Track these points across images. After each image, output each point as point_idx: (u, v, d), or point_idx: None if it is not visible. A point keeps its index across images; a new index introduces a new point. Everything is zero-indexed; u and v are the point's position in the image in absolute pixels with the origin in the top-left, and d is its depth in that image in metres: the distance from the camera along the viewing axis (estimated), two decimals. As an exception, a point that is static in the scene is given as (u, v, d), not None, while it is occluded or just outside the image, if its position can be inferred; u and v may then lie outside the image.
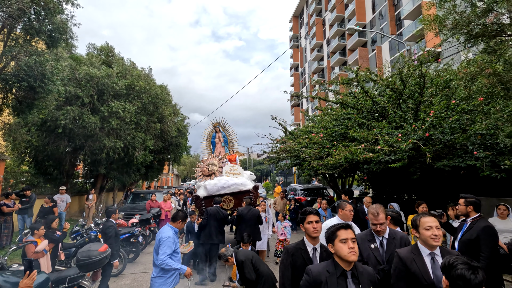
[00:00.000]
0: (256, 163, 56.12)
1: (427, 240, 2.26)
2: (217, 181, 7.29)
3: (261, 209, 6.70)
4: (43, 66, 6.90)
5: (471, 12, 3.72)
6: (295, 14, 57.63)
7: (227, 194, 7.22)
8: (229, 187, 7.21)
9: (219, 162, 7.90)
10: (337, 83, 7.80)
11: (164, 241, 3.55)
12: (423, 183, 7.35)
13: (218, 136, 8.90)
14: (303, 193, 13.67)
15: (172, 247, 3.61)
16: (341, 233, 2.04)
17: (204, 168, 7.78)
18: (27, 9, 6.71)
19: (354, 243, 2.02)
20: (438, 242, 2.24)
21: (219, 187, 7.18)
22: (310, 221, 2.64)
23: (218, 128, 8.88)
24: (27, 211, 8.93)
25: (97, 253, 4.61)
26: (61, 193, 10.72)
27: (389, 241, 2.75)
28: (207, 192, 7.20)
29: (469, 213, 3.60)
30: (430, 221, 2.28)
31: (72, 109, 10.39)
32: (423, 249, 2.30)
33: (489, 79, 3.66)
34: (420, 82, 6.08)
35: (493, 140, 5.09)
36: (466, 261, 1.63)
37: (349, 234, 2.04)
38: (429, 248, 2.27)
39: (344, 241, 2.01)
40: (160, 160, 19.28)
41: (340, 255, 2.00)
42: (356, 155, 5.58)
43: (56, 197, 10.46)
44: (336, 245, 2.03)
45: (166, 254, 3.51)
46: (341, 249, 2.00)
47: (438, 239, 2.24)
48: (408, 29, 26.35)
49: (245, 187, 7.28)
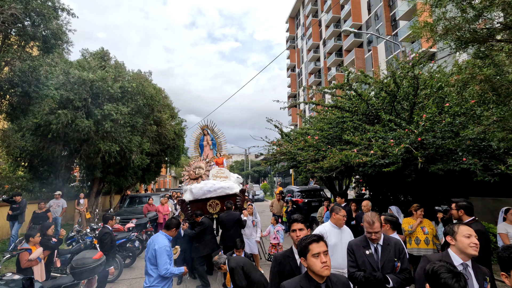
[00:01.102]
0: (254, 164, 56.10)
1: (465, 248, 2.23)
2: (203, 185, 7.11)
3: (248, 212, 6.61)
4: (37, 71, 6.87)
5: (461, 18, 3.75)
6: (292, 15, 57.75)
7: (213, 198, 7.05)
8: (216, 190, 7.03)
9: (206, 165, 7.71)
10: (332, 88, 7.80)
11: (162, 251, 3.52)
12: (418, 185, 7.38)
13: (206, 139, 8.74)
14: (300, 195, 13.68)
15: (171, 255, 3.63)
16: (313, 247, 1.99)
17: (191, 172, 7.58)
18: (20, 15, 6.69)
19: (326, 256, 1.98)
20: (476, 252, 2.22)
21: (205, 190, 7.00)
22: (293, 229, 2.64)
23: (206, 131, 8.73)
24: (17, 217, 8.66)
25: (92, 261, 4.58)
26: (57, 198, 10.47)
27: (383, 248, 2.74)
28: (193, 196, 7.02)
29: (461, 217, 3.61)
30: (469, 230, 2.28)
31: (64, 112, 10.30)
32: (455, 258, 2.27)
33: (480, 85, 3.69)
34: (414, 84, 6.11)
35: (486, 143, 5.13)
36: (450, 269, 1.64)
37: (321, 247, 1.99)
38: (463, 258, 2.25)
39: (317, 255, 1.96)
40: (158, 163, 19.25)
41: (313, 270, 1.96)
42: (351, 158, 5.60)
43: (52, 202, 10.29)
44: (309, 260, 1.99)
45: (168, 263, 3.51)
46: (314, 264, 1.96)
47: (477, 247, 2.23)
48: (404, 30, 26.50)
49: (231, 191, 7.09)
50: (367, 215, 2.81)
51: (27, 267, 4.57)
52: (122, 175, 14.18)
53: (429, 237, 4.89)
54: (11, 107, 7.79)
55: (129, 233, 7.79)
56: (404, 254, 2.75)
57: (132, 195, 14.55)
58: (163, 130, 16.19)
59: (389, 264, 2.67)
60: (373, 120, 7.33)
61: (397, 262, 2.68)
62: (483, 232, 3.43)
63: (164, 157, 19.04)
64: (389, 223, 3.63)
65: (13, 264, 6.82)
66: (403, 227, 5.05)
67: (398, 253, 2.72)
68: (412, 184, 7.40)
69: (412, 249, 4.92)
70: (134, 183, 18.75)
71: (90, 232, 7.01)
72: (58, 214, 10.16)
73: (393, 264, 2.67)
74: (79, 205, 11.97)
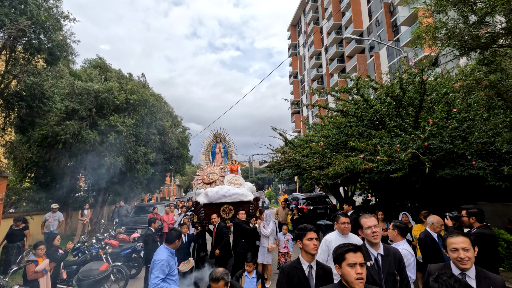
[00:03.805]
0: (258, 171, 55.96)
1: (454, 262, 2.22)
2: (219, 189, 7.31)
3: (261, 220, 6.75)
4: (41, 86, 6.99)
5: (463, 24, 3.76)
6: (293, 23, 58.39)
7: (227, 203, 7.22)
8: (231, 196, 7.22)
9: (220, 171, 7.96)
10: (338, 91, 7.83)
11: (157, 264, 3.42)
12: (425, 190, 7.29)
13: (219, 147, 9.03)
14: (306, 202, 13.57)
15: (166, 271, 3.45)
16: (349, 256, 1.95)
17: (204, 176, 7.81)
18: (28, 29, 6.84)
19: (362, 268, 1.92)
20: (466, 265, 2.15)
21: (220, 195, 7.19)
22: (310, 238, 2.59)
23: (219, 139, 9.00)
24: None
25: (98, 272, 4.59)
26: (53, 211, 9.65)
27: (383, 258, 2.65)
28: (208, 199, 7.18)
29: (472, 224, 3.57)
30: (456, 243, 2.21)
31: (71, 123, 10.45)
32: (454, 268, 2.25)
33: (485, 91, 3.67)
34: (421, 89, 6.09)
35: (494, 147, 5.06)
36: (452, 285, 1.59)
37: (358, 258, 1.94)
38: (460, 268, 2.21)
39: (352, 265, 1.92)
40: (162, 172, 19.29)
41: (347, 280, 1.93)
42: (356, 165, 5.56)
43: (47, 215, 9.56)
44: (344, 269, 1.95)
45: (159, 279, 3.36)
46: (348, 273, 1.92)
47: (466, 261, 2.15)
48: (405, 35, 26.58)
49: (246, 198, 7.30)
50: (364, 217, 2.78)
51: (33, 279, 4.57)
52: (127, 185, 14.21)
53: None
54: (19, 119, 7.91)
55: (135, 243, 7.77)
56: (403, 265, 2.67)
57: (138, 205, 14.54)
58: (166, 138, 16.27)
59: (390, 278, 2.58)
60: (377, 125, 7.30)
61: (397, 276, 2.61)
62: (493, 236, 3.38)
63: (169, 165, 19.09)
64: (397, 229, 3.54)
65: (20, 277, 6.83)
66: (415, 234, 4.94)
67: (398, 265, 2.63)
68: (419, 190, 7.32)
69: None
70: (139, 193, 18.75)
71: (96, 243, 6.99)
72: (54, 228, 9.41)
73: (394, 278, 2.59)
74: (83, 216, 11.59)
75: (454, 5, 3.94)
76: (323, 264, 2.71)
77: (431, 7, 4.49)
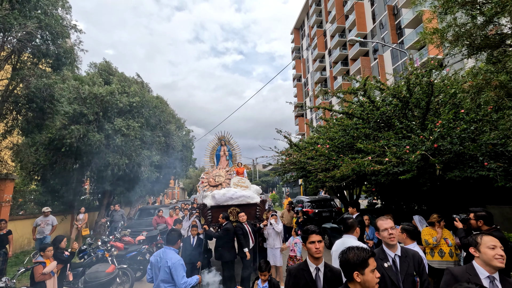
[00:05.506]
0: (261, 174, 55.86)
1: (490, 261, 2.15)
2: (225, 191, 7.35)
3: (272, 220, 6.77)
4: (51, 88, 7.08)
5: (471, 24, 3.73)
6: (296, 26, 58.55)
7: (234, 205, 7.25)
8: (237, 198, 7.26)
9: (226, 174, 8.00)
10: (344, 93, 7.80)
11: (177, 265, 3.46)
12: (433, 193, 7.21)
13: (223, 150, 9.06)
14: (311, 205, 13.50)
15: (185, 267, 3.57)
16: (371, 262, 1.99)
17: (210, 179, 7.83)
18: (35, 33, 6.94)
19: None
20: (503, 264, 2.12)
21: (227, 197, 7.23)
22: (312, 241, 2.56)
23: (223, 142, 9.02)
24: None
25: (105, 274, 4.59)
26: (45, 215, 8.99)
27: (402, 259, 2.58)
28: (215, 202, 7.21)
29: (480, 227, 3.52)
30: (493, 241, 2.19)
31: (77, 128, 10.56)
32: (481, 270, 2.18)
33: (495, 91, 3.63)
34: (428, 91, 6.03)
35: (504, 148, 4.99)
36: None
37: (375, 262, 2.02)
38: (489, 270, 2.15)
39: (373, 270, 1.96)
40: (166, 175, 19.34)
41: (369, 286, 1.95)
42: (364, 167, 5.51)
43: (39, 220, 8.90)
44: (367, 275, 1.95)
45: (184, 276, 3.46)
46: (372, 279, 1.94)
47: (503, 259, 2.12)
48: (409, 38, 26.50)
49: (252, 200, 7.34)
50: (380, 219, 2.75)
51: (40, 280, 4.58)
52: (131, 187, 14.28)
53: (453, 249, 4.69)
54: (26, 122, 8.00)
55: (140, 246, 7.77)
56: (423, 267, 2.59)
57: (142, 207, 14.58)
58: (171, 141, 16.33)
59: (409, 279, 2.51)
60: (383, 127, 7.26)
61: (417, 277, 2.56)
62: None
63: (173, 169, 19.14)
64: (406, 232, 3.49)
65: (27, 278, 6.85)
66: (426, 238, 4.83)
67: (417, 266, 2.56)
68: (426, 193, 7.23)
69: (433, 261, 4.71)
70: (143, 195, 18.81)
71: (102, 245, 7.01)
72: (48, 233, 8.89)
73: (413, 279, 2.53)
74: (78, 221, 11.05)
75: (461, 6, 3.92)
76: (332, 266, 2.67)
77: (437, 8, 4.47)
